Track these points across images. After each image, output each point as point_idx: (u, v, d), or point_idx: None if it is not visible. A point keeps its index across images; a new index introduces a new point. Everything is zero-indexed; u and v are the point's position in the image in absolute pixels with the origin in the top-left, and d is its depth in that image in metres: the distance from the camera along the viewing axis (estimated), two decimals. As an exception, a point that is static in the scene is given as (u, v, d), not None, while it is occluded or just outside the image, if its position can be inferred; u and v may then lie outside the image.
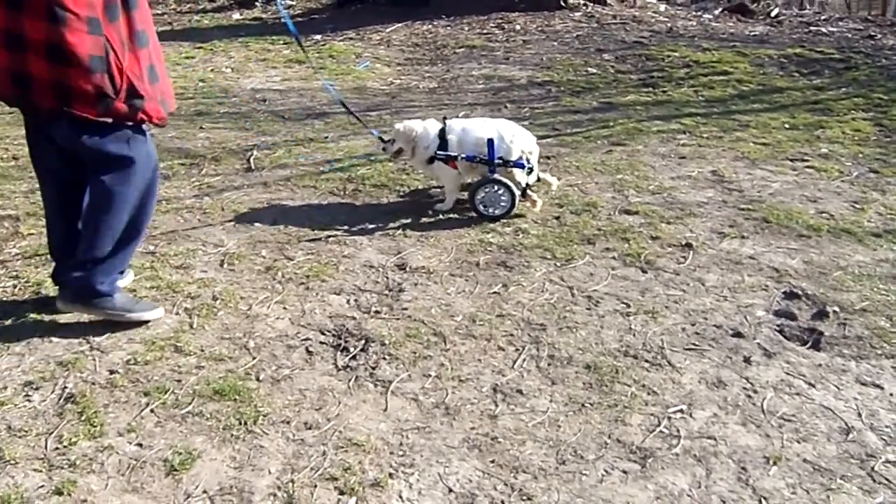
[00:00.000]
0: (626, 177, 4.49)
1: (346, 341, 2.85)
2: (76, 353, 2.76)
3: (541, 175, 4.13)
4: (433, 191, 4.27)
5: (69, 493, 2.11)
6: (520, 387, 2.59)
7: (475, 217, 3.89)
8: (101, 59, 2.51)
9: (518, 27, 9.17)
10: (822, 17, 9.73)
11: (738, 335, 2.89)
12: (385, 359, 2.75)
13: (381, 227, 3.82)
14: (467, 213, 3.94)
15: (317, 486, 2.16)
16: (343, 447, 2.30)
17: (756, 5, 10.07)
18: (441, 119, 4.02)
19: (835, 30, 8.79)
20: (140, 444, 2.31)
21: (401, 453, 2.29)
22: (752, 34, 8.63)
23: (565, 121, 5.70)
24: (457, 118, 4.37)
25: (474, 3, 9.96)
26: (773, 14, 9.64)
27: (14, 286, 3.23)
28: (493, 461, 2.25)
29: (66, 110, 2.54)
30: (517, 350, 2.81)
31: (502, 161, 3.83)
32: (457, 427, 2.40)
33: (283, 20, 4.62)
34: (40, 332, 2.87)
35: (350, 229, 3.79)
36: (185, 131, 5.44)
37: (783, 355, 2.77)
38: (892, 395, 2.55)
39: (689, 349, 2.81)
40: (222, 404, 2.49)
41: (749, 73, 6.88)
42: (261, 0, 11.37)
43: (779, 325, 2.97)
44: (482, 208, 3.87)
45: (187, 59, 7.95)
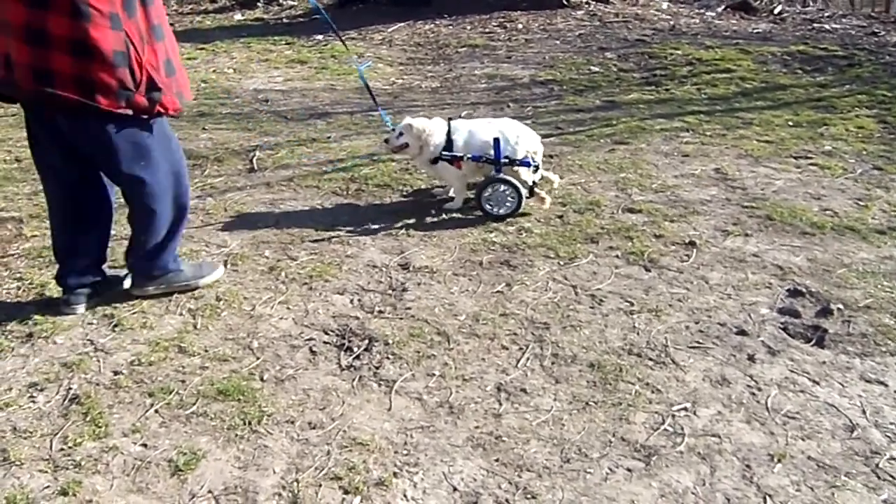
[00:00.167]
0: (629, 175, 4.48)
1: (350, 341, 2.86)
2: (80, 354, 2.77)
3: (543, 173, 4.13)
4: (436, 190, 4.27)
5: (74, 494, 2.12)
6: (524, 385, 2.59)
7: (478, 216, 3.89)
8: (122, 54, 2.58)
9: (520, 26, 9.17)
10: (826, 14, 9.69)
11: (742, 333, 2.88)
12: (389, 358, 2.75)
13: (384, 226, 3.82)
14: (471, 212, 3.94)
15: (321, 485, 2.16)
16: (347, 447, 2.31)
17: (759, 2, 10.02)
18: (446, 119, 4.02)
19: (838, 27, 8.77)
20: (145, 445, 2.31)
21: (405, 452, 2.29)
22: (756, 31, 8.61)
23: (568, 119, 5.70)
24: (460, 118, 4.36)
25: (476, 2, 9.95)
26: (776, 11, 9.61)
27: (18, 287, 3.24)
28: (497, 460, 2.26)
29: (90, 103, 2.59)
30: (521, 349, 2.81)
31: (508, 160, 3.83)
32: (461, 426, 2.40)
33: (310, 5, 4.58)
34: (44, 333, 2.89)
35: (353, 229, 3.79)
36: (187, 132, 5.44)
37: (787, 353, 2.77)
38: (896, 392, 2.55)
39: (693, 347, 2.81)
40: (226, 404, 2.49)
41: (752, 70, 6.87)
42: (262, 1, 11.38)
43: (783, 323, 2.96)
44: (489, 207, 3.87)
45: (189, 60, 7.96)
